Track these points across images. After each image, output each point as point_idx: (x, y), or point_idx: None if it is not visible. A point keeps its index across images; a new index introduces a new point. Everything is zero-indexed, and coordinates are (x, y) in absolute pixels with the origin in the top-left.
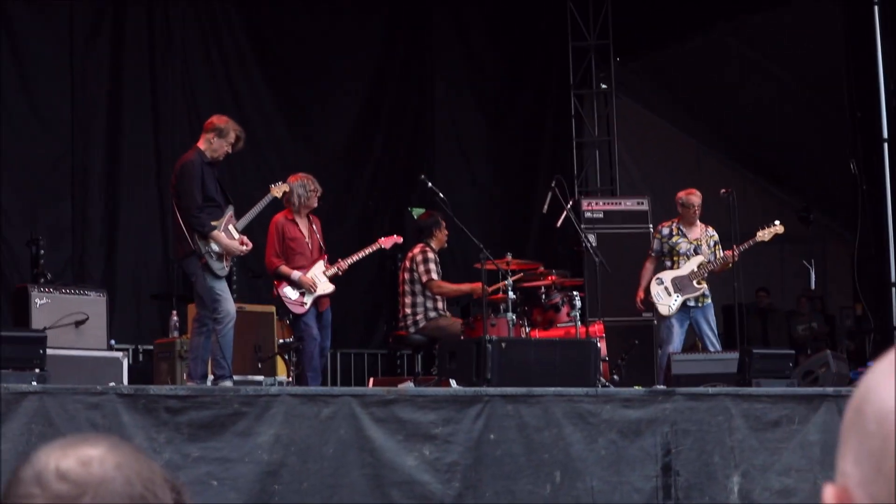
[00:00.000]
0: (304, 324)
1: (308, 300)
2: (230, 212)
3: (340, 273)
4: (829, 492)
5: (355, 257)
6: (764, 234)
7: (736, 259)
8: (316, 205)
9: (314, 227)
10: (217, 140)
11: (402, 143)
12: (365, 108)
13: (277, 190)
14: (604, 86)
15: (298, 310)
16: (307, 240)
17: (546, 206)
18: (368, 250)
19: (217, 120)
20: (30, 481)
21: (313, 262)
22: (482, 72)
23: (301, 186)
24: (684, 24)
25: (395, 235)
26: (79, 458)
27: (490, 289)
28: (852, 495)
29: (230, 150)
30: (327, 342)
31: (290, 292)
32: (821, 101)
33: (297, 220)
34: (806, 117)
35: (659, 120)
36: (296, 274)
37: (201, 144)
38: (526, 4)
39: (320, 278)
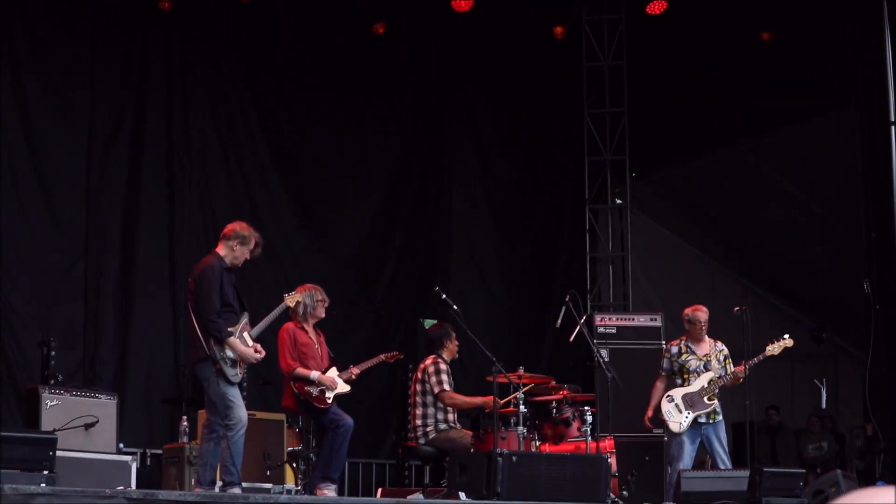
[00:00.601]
0: (334, 413)
1: (330, 396)
2: (245, 319)
3: (353, 378)
4: None
5: (365, 365)
6: (773, 349)
7: (747, 374)
8: (323, 315)
9: (321, 339)
10: (240, 248)
11: (417, 254)
12: (381, 218)
13: (291, 300)
14: (619, 201)
15: (323, 404)
16: (316, 346)
17: (559, 321)
18: (373, 362)
19: (240, 227)
20: None
21: (325, 369)
22: (498, 184)
23: (308, 297)
24: (700, 140)
25: (397, 352)
26: None
27: (502, 402)
28: None
29: (248, 258)
30: None
31: (311, 390)
32: (835, 219)
33: (306, 327)
34: (820, 236)
35: (673, 236)
36: (315, 374)
37: (221, 250)
38: (542, 119)
39: (337, 379)
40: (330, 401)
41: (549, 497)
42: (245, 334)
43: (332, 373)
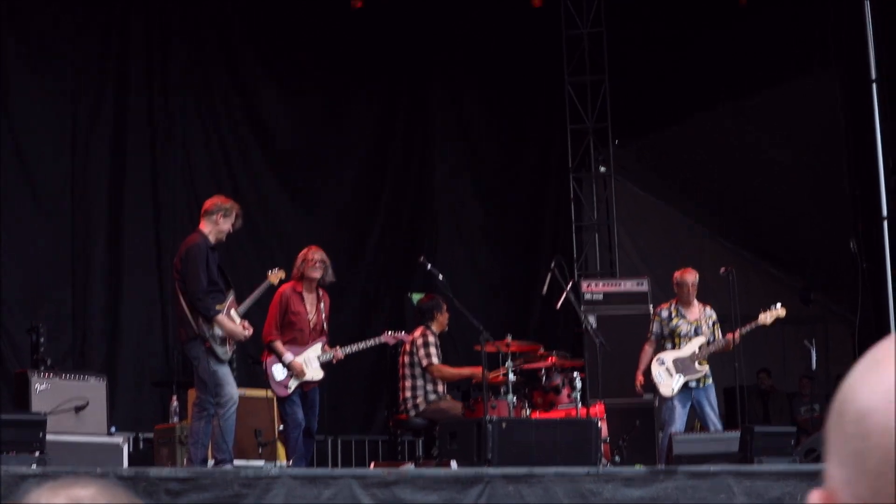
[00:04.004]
0: (288, 407)
1: (293, 385)
2: (232, 296)
3: (335, 362)
4: (815, 495)
5: (355, 347)
6: (766, 318)
7: (737, 342)
8: (316, 275)
9: (322, 304)
10: (224, 220)
11: (402, 229)
12: (364, 193)
13: (275, 276)
14: (602, 168)
15: (281, 392)
16: (309, 316)
17: (545, 288)
18: (371, 343)
19: (220, 200)
20: None
21: (310, 341)
22: (481, 156)
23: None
24: (682, 105)
25: (402, 333)
26: (69, 497)
27: (491, 374)
28: (837, 496)
29: (231, 230)
30: (314, 423)
31: (276, 372)
32: (820, 180)
33: (305, 293)
34: (805, 197)
35: (658, 202)
36: (288, 357)
37: (204, 227)
38: (523, 88)
39: (312, 363)
40: (290, 390)
41: (541, 462)
42: (232, 312)
43: (314, 351)
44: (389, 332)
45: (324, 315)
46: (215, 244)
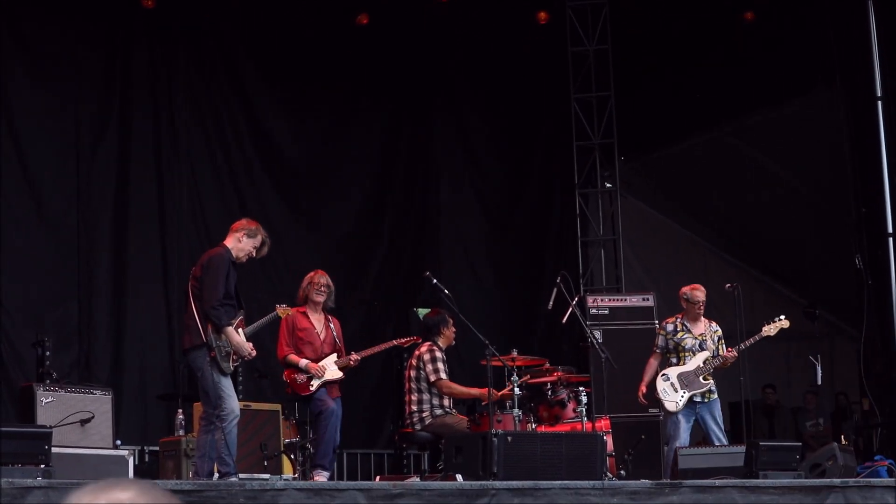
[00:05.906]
0: (318, 400)
1: (315, 384)
2: (241, 316)
3: (352, 364)
4: None
5: (369, 352)
6: (770, 329)
7: (737, 354)
8: (319, 300)
9: (331, 325)
10: (246, 239)
11: (407, 247)
12: (369, 210)
13: (282, 311)
14: (608, 185)
15: (304, 391)
16: (317, 331)
17: (551, 303)
18: (384, 346)
19: (247, 222)
20: None
21: (323, 355)
22: (485, 172)
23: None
24: (687, 122)
25: (414, 337)
26: (110, 499)
27: (498, 394)
28: None
29: (254, 255)
30: (336, 438)
31: (297, 377)
32: (824, 197)
33: (310, 313)
34: (810, 214)
35: (663, 218)
36: (303, 362)
37: (228, 242)
38: (529, 105)
39: (330, 366)
40: (313, 388)
41: (546, 476)
42: (240, 330)
43: (329, 360)
44: (397, 340)
45: (334, 333)
46: (236, 261)
